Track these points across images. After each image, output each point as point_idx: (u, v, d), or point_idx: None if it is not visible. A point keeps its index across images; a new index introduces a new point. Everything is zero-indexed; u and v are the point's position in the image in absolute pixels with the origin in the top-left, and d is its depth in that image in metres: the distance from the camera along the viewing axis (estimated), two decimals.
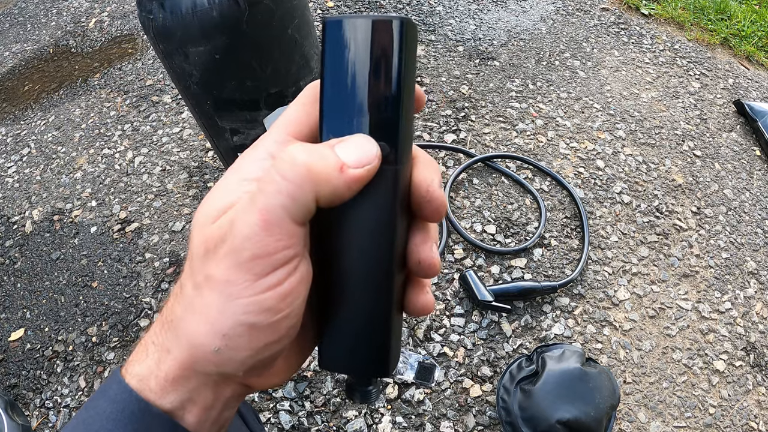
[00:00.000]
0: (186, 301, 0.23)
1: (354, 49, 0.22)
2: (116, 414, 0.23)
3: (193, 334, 0.22)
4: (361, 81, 0.23)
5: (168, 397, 0.23)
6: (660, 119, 1.71)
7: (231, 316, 0.21)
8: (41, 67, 2.09)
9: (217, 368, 0.23)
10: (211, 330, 0.21)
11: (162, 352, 0.23)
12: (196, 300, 0.22)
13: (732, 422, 1.12)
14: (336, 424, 1.08)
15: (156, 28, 0.88)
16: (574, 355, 1.05)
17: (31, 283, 1.39)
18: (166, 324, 0.24)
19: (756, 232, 1.44)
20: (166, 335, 0.24)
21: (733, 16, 2.18)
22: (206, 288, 0.21)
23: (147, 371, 0.23)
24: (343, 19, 0.22)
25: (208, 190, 1.51)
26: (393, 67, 0.22)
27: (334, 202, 0.22)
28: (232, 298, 0.21)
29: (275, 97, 0.98)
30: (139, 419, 0.23)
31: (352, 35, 0.22)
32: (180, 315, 0.23)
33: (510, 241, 1.35)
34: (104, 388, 0.24)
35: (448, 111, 1.67)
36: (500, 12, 2.10)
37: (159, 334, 0.24)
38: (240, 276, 0.21)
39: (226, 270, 0.21)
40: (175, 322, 0.23)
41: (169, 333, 0.23)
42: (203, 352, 0.22)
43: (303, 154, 0.21)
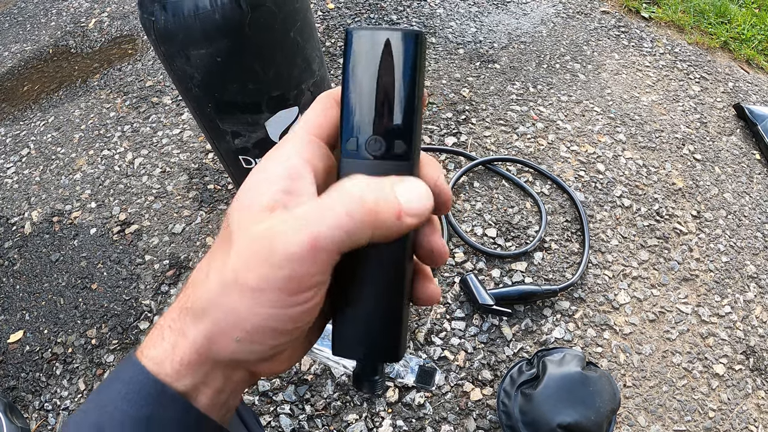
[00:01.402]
0: (211, 294, 0.23)
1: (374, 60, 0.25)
2: (132, 395, 0.23)
3: (220, 321, 0.23)
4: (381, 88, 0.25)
5: (183, 380, 0.24)
6: (660, 123, 1.71)
7: (257, 318, 0.22)
8: (41, 67, 2.09)
9: (233, 356, 0.24)
10: (235, 323, 0.23)
11: (179, 337, 0.24)
12: (223, 298, 0.23)
13: (732, 426, 1.12)
14: (336, 428, 1.07)
15: (158, 30, 0.88)
16: (574, 359, 1.05)
17: (30, 284, 1.39)
18: (184, 310, 0.24)
19: (756, 235, 1.45)
20: (183, 320, 0.24)
21: (733, 20, 2.19)
22: (236, 290, 0.22)
23: (163, 355, 0.24)
24: (365, 31, 0.25)
25: (208, 192, 1.51)
26: (409, 76, 0.25)
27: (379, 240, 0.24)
28: (260, 305, 0.22)
29: (277, 100, 0.98)
30: (155, 400, 0.23)
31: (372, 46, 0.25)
32: (202, 305, 0.23)
33: (511, 245, 1.35)
34: (118, 370, 0.25)
35: (448, 114, 1.67)
36: (501, 15, 2.11)
37: (176, 319, 0.25)
38: (272, 289, 0.22)
39: (260, 280, 0.22)
40: (194, 309, 0.24)
41: (188, 318, 0.24)
42: (224, 339, 0.23)
43: (371, 194, 0.23)
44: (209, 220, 1.44)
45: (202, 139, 1.66)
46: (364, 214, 0.22)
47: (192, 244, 1.40)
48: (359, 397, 1.11)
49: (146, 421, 0.23)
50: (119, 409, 0.23)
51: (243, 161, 1.09)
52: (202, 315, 0.23)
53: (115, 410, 0.23)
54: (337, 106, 0.27)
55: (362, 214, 0.22)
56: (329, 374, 1.14)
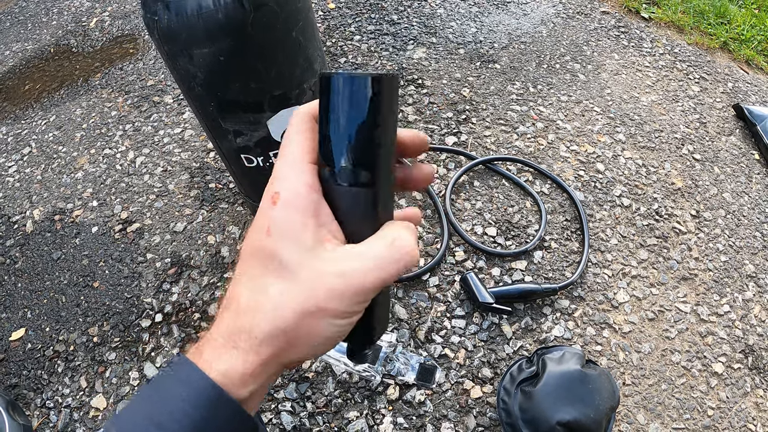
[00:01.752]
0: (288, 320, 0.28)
1: (343, 101, 0.29)
2: (193, 397, 0.27)
3: (298, 338, 0.29)
4: (348, 126, 0.29)
5: (246, 388, 0.29)
6: (660, 123, 1.72)
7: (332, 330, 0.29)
8: (42, 66, 2.09)
9: (303, 357, 0.30)
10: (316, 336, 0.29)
11: (249, 355, 0.29)
12: (307, 320, 0.28)
13: (730, 424, 1.13)
14: (337, 425, 1.08)
15: (161, 29, 0.88)
16: (574, 356, 1.05)
17: (32, 282, 1.39)
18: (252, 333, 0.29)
19: (755, 235, 1.45)
20: (253, 341, 0.29)
21: (732, 21, 2.19)
22: (319, 314, 0.28)
23: (231, 367, 0.28)
24: (338, 75, 0.29)
25: (209, 190, 1.51)
26: (372, 115, 0.29)
27: None
28: (336, 323, 0.29)
29: (279, 99, 0.98)
30: (215, 404, 0.27)
31: (342, 89, 0.29)
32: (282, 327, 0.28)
33: (510, 244, 1.36)
34: (177, 374, 0.29)
35: (449, 113, 1.68)
36: (501, 15, 2.11)
37: (239, 337, 0.29)
38: (347, 311, 0.29)
39: (341, 305, 0.28)
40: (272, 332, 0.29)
41: (259, 340, 0.29)
42: (300, 349, 0.29)
43: (415, 252, 0.30)
44: (210, 219, 1.45)
45: (204, 138, 1.67)
46: (411, 262, 0.30)
47: (193, 242, 1.40)
48: (360, 394, 1.11)
49: (205, 423, 0.27)
50: (180, 409, 0.27)
51: (245, 160, 1.10)
52: (279, 335, 0.28)
53: (175, 408, 0.27)
54: (316, 129, 0.31)
55: (411, 262, 0.30)
56: (330, 372, 1.14)
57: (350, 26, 2.02)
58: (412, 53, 1.90)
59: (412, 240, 0.30)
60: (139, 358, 1.22)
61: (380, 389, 1.12)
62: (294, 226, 0.28)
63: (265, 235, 0.29)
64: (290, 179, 0.30)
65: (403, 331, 1.20)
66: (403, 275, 0.33)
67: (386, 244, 0.29)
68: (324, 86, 0.29)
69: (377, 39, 1.96)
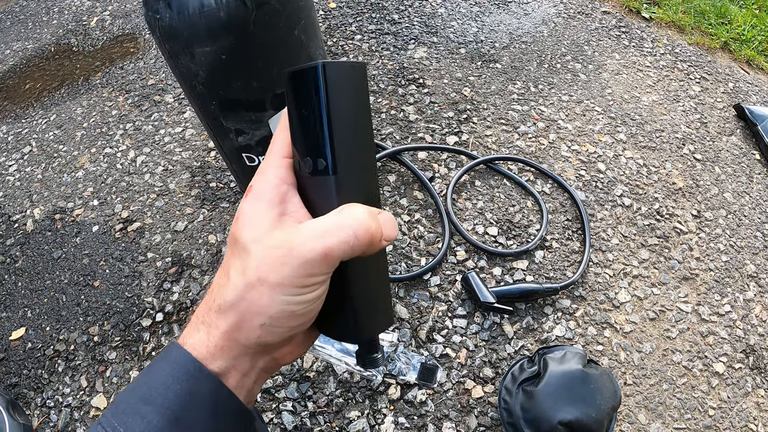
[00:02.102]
0: (237, 292, 0.29)
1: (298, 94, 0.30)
2: (176, 372, 0.29)
3: (246, 312, 0.29)
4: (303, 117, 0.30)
5: (216, 362, 0.30)
6: (661, 123, 1.72)
7: (278, 305, 0.29)
8: (42, 65, 2.09)
9: (258, 339, 0.30)
10: (261, 311, 0.29)
11: (211, 328, 0.30)
12: (250, 293, 0.29)
13: (731, 424, 1.13)
14: (338, 425, 1.08)
15: (162, 27, 0.88)
16: (575, 356, 1.05)
17: (33, 281, 1.39)
18: (212, 309, 0.31)
19: (755, 235, 1.45)
20: (212, 316, 0.30)
21: (733, 21, 2.19)
22: (260, 286, 0.28)
23: (199, 342, 0.30)
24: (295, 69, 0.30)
25: (210, 190, 1.51)
26: (324, 104, 0.29)
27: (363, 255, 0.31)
28: (281, 294, 0.28)
29: (281, 97, 0.98)
30: (194, 376, 0.29)
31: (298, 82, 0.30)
32: (229, 302, 0.29)
33: (512, 243, 1.36)
34: (164, 354, 0.31)
35: (450, 113, 1.68)
36: (502, 15, 2.11)
37: (206, 314, 0.31)
38: (292, 284, 0.28)
39: (281, 277, 0.28)
40: (222, 306, 0.30)
41: (216, 314, 0.30)
42: (251, 324, 0.29)
43: (372, 222, 0.30)
44: (211, 218, 1.45)
45: (205, 137, 1.67)
46: (365, 236, 0.29)
47: (194, 241, 1.40)
48: (361, 393, 1.11)
49: (188, 395, 0.28)
50: (164, 383, 0.29)
51: (246, 159, 1.10)
52: (228, 309, 0.29)
53: (160, 385, 0.29)
54: None
55: (364, 236, 0.29)
56: (331, 371, 1.14)
57: (351, 25, 2.02)
58: (413, 53, 1.90)
59: (364, 209, 0.30)
60: (139, 357, 1.22)
61: (381, 389, 1.12)
62: (257, 213, 0.30)
63: (234, 224, 0.31)
64: (264, 173, 0.32)
65: (404, 330, 1.20)
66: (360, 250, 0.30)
67: (334, 213, 0.30)
68: (285, 82, 0.31)
69: (378, 38, 1.96)
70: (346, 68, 0.30)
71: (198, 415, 0.28)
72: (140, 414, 0.28)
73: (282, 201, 0.31)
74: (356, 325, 0.34)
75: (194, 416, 0.28)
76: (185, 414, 0.28)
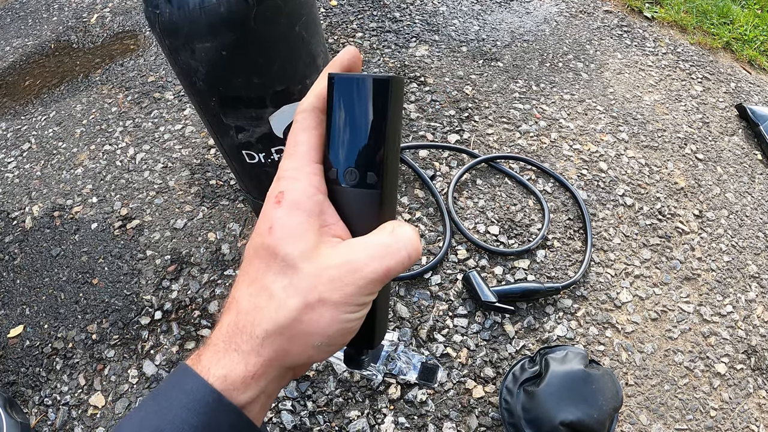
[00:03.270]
0: (289, 313, 0.28)
1: (350, 103, 0.29)
2: (192, 404, 0.27)
3: (300, 334, 0.28)
4: (356, 128, 0.30)
5: (248, 392, 0.28)
6: (662, 122, 1.71)
7: (338, 324, 0.28)
8: (42, 62, 2.08)
9: (308, 360, 0.29)
10: (319, 332, 0.28)
11: (251, 356, 0.28)
12: (308, 314, 0.28)
13: (733, 425, 1.12)
14: (338, 424, 1.07)
15: (162, 23, 0.87)
16: (577, 356, 1.04)
17: (31, 279, 1.38)
18: (254, 334, 0.28)
19: (757, 235, 1.45)
20: (257, 342, 0.28)
21: (735, 21, 2.19)
22: (321, 307, 0.28)
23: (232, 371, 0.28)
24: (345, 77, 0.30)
25: (210, 187, 1.50)
26: (380, 117, 0.29)
27: None
28: (342, 313, 0.28)
29: (281, 94, 0.97)
30: (213, 408, 0.27)
31: (350, 91, 0.29)
32: (283, 323, 0.28)
33: (513, 242, 1.35)
34: (176, 380, 0.29)
35: (451, 111, 1.67)
36: (504, 13, 2.10)
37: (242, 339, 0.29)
38: (353, 302, 0.28)
39: (345, 296, 0.28)
40: (271, 330, 0.28)
41: (262, 339, 0.28)
42: (305, 346, 0.28)
43: (419, 244, 0.30)
44: (211, 216, 1.44)
45: (204, 134, 1.66)
46: (416, 256, 0.30)
47: (194, 239, 1.39)
48: (361, 393, 1.11)
49: (204, 428, 0.27)
50: (179, 416, 0.27)
51: (246, 156, 1.09)
52: (278, 333, 0.28)
53: (175, 417, 0.27)
54: (322, 124, 0.30)
55: (415, 256, 0.30)
56: (331, 370, 1.13)
57: (352, 23, 2.01)
58: (414, 51, 1.89)
59: (413, 230, 0.30)
60: (138, 355, 1.21)
61: (381, 388, 1.11)
62: (297, 225, 0.29)
63: (267, 234, 0.29)
64: (295, 179, 0.30)
65: (404, 329, 1.19)
66: (407, 269, 0.37)
67: (387, 233, 0.30)
68: (334, 87, 0.30)
69: (379, 36, 1.95)
70: (402, 82, 0.30)
71: None
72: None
73: (320, 212, 0.30)
74: (374, 333, 0.34)
75: None
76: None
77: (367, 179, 0.30)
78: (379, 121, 0.29)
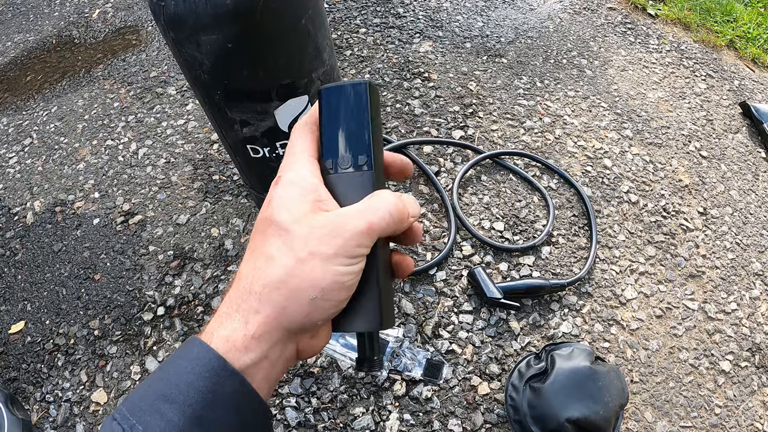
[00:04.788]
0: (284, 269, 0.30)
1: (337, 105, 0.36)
2: (198, 368, 0.28)
3: (295, 288, 0.30)
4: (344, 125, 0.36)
5: (249, 353, 0.29)
6: (666, 119, 1.70)
7: (332, 275, 0.30)
8: (44, 57, 2.07)
9: (305, 317, 0.30)
10: (314, 284, 0.30)
11: (250, 314, 0.30)
12: (301, 267, 0.30)
13: (737, 423, 1.12)
14: (343, 421, 1.06)
15: (167, 15, 0.87)
16: (583, 353, 1.04)
17: (32, 275, 1.38)
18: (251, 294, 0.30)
19: (761, 233, 1.44)
20: (255, 299, 0.30)
21: (738, 19, 2.18)
22: (313, 259, 0.30)
23: (235, 332, 0.29)
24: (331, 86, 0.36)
25: (213, 182, 1.49)
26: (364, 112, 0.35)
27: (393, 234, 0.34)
28: (334, 265, 0.30)
29: (287, 88, 0.97)
30: (217, 373, 0.28)
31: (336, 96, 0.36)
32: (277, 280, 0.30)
33: (518, 239, 1.35)
34: (182, 351, 0.30)
35: (455, 107, 1.66)
36: (507, 9, 2.10)
37: (244, 299, 0.30)
38: (344, 254, 0.30)
39: (335, 248, 0.30)
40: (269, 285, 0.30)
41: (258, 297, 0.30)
42: (301, 301, 0.30)
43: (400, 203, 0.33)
44: (214, 211, 1.43)
45: (207, 129, 1.65)
46: (397, 213, 0.33)
47: (197, 235, 1.38)
48: (366, 390, 1.10)
49: (211, 393, 0.27)
50: (185, 381, 0.28)
51: (251, 150, 1.08)
52: (275, 289, 0.30)
53: (180, 382, 0.28)
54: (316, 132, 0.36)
55: (396, 213, 0.33)
56: (336, 367, 1.13)
57: (356, 19, 2.00)
58: (418, 46, 1.89)
59: (391, 194, 0.33)
60: (140, 352, 1.20)
61: (386, 385, 1.10)
62: (293, 198, 0.32)
63: (265, 209, 0.33)
64: (293, 167, 0.34)
65: (409, 326, 1.18)
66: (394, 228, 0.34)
67: (367, 198, 0.33)
68: (323, 96, 0.36)
69: (383, 32, 1.94)
70: (376, 86, 0.37)
71: (221, 414, 0.28)
72: (159, 412, 0.27)
73: (314, 191, 0.33)
74: (380, 309, 0.35)
75: (217, 415, 0.28)
76: (208, 413, 0.27)
77: (359, 161, 0.35)
78: (363, 114, 0.35)
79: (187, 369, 0.28)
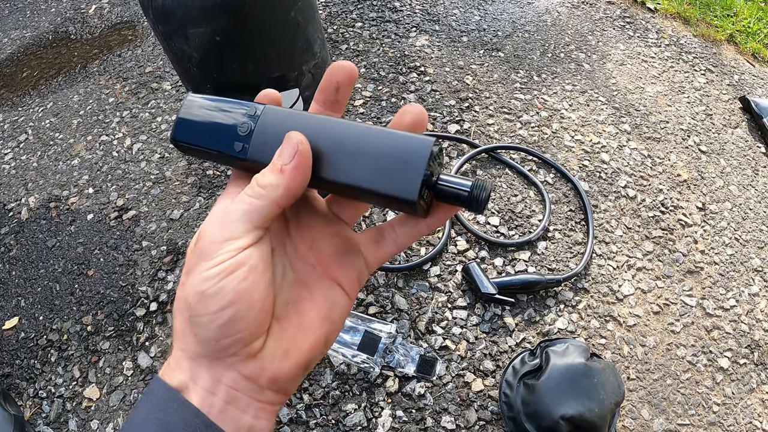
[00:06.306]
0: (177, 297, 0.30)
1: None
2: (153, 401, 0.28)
3: (181, 310, 0.28)
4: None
5: (175, 375, 0.28)
6: (665, 114, 1.69)
7: (192, 288, 0.27)
8: (40, 53, 2.06)
9: (196, 337, 0.28)
10: (186, 302, 0.28)
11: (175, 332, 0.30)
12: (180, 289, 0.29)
13: (736, 420, 1.11)
14: (335, 417, 1.06)
15: (155, 8, 0.86)
16: (578, 349, 1.03)
17: (26, 270, 1.37)
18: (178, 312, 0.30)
19: (761, 229, 1.43)
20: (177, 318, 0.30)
21: (738, 13, 2.16)
22: (184, 276, 0.28)
23: (171, 357, 0.29)
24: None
25: (207, 177, 1.49)
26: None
27: (297, 196, 0.29)
28: (192, 277, 0.27)
29: (277, 81, 0.96)
30: (168, 405, 0.27)
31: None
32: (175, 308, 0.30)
33: (514, 234, 1.33)
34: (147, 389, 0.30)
35: (451, 101, 1.65)
36: (505, 3, 2.08)
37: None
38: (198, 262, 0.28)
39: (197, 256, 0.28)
40: (175, 306, 0.30)
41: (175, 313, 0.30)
42: (187, 322, 0.28)
43: (259, 176, 0.28)
44: (208, 206, 1.42)
45: None
46: (255, 191, 0.28)
47: (190, 230, 1.38)
48: (358, 386, 1.09)
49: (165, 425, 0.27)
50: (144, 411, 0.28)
51: None
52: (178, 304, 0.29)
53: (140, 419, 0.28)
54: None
55: (254, 191, 0.28)
56: (328, 363, 1.12)
57: (352, 13, 1.99)
58: (414, 41, 1.87)
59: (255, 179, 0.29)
60: (133, 347, 1.20)
61: (379, 381, 1.09)
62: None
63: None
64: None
65: (403, 321, 1.17)
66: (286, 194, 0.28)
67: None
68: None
69: (379, 26, 1.93)
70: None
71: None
72: None
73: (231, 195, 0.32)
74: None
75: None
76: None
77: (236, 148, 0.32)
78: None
79: (146, 403, 0.28)
